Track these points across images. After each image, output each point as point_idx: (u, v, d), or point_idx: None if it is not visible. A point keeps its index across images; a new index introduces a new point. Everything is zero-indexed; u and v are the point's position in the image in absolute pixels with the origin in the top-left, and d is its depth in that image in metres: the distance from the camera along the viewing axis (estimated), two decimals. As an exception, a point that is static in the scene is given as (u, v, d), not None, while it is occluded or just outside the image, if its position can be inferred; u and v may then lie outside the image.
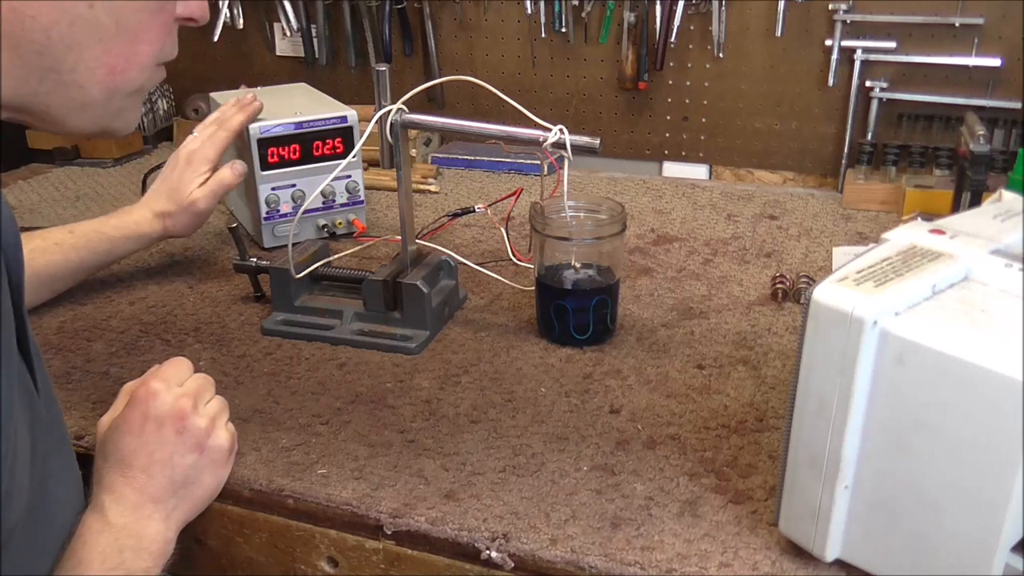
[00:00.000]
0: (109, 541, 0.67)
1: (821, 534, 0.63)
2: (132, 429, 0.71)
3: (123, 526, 0.68)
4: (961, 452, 0.55)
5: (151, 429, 0.71)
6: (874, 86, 1.39)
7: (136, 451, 0.70)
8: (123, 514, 0.68)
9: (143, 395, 0.72)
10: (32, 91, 0.56)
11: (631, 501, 0.73)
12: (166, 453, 0.71)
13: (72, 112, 0.59)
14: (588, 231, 0.94)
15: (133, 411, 0.72)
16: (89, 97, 0.58)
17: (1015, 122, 1.32)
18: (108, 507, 0.68)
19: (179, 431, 0.72)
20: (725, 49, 1.46)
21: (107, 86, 0.59)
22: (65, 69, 0.56)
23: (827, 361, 0.59)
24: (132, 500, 0.69)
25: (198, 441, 0.73)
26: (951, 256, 0.62)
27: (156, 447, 0.71)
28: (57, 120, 0.59)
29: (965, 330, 0.55)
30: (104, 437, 0.73)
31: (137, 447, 0.70)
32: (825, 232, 1.26)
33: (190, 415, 0.73)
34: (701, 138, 1.54)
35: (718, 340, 0.97)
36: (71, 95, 0.57)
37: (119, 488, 0.69)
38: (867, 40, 1.37)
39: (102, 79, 0.58)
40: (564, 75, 1.58)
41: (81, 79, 0.57)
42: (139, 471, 0.70)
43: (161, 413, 0.71)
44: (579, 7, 1.51)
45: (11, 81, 0.55)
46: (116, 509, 0.68)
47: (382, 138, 0.93)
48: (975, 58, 1.33)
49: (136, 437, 0.71)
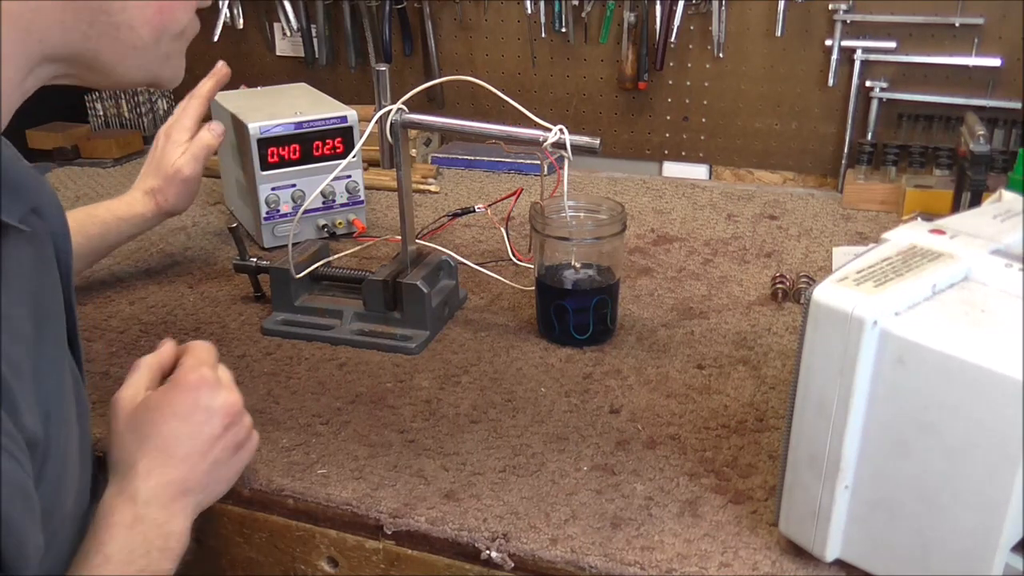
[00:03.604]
0: (139, 540, 0.65)
1: (821, 534, 0.63)
2: (179, 414, 0.69)
3: (154, 523, 0.66)
4: (961, 452, 0.55)
5: (200, 419, 0.69)
6: (874, 86, 1.39)
7: (179, 439, 0.68)
8: (157, 509, 0.66)
9: (195, 381, 0.70)
10: (82, 36, 0.56)
11: (631, 501, 0.73)
12: (209, 445, 0.69)
13: (122, 57, 0.59)
14: (588, 231, 0.94)
15: (182, 395, 0.70)
16: (138, 39, 0.58)
17: (1015, 122, 1.32)
18: (142, 498, 0.66)
19: (227, 426, 0.70)
20: (725, 49, 1.46)
21: (155, 26, 0.59)
22: (115, 10, 0.56)
23: (827, 361, 0.59)
24: (168, 494, 0.67)
25: (240, 440, 0.72)
26: (951, 256, 0.62)
27: (201, 438, 0.69)
28: (107, 68, 0.59)
29: (965, 330, 0.55)
30: (134, 415, 0.69)
31: (181, 435, 0.68)
32: (825, 232, 1.26)
33: (242, 412, 0.72)
34: (701, 138, 1.54)
35: (718, 340, 0.97)
36: (121, 37, 0.58)
37: (156, 477, 0.67)
38: (867, 40, 1.37)
39: (150, 19, 0.58)
40: (564, 75, 1.58)
41: (131, 19, 0.57)
42: (180, 460, 0.68)
43: (214, 405, 0.70)
44: (579, 7, 1.51)
45: (60, 29, 0.55)
46: (151, 503, 0.66)
47: (382, 138, 0.93)
48: (975, 58, 1.33)
49: (182, 423, 0.68)
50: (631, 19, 1.47)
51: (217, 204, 1.40)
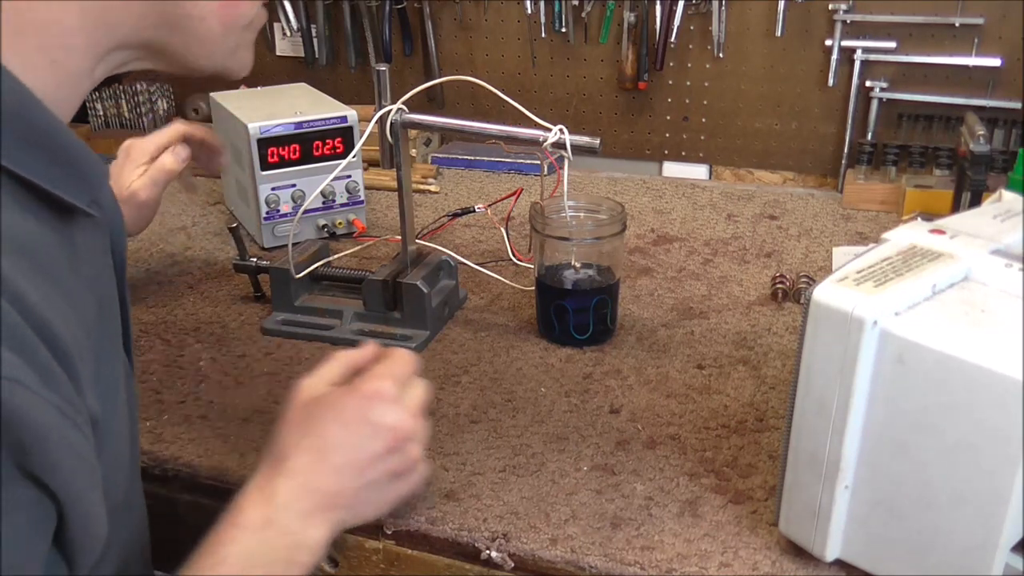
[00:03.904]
0: (263, 548, 0.60)
1: (821, 534, 0.63)
2: (345, 420, 0.65)
3: (285, 531, 0.61)
4: (961, 452, 0.55)
5: (365, 432, 0.65)
6: (874, 86, 1.39)
7: (338, 446, 0.64)
8: (293, 517, 0.62)
9: (372, 392, 0.66)
10: (153, 26, 0.57)
11: (631, 501, 0.73)
12: (367, 463, 0.65)
13: (192, 48, 0.60)
14: (588, 231, 0.94)
15: (354, 402, 0.66)
16: (208, 30, 0.59)
17: (1015, 122, 1.32)
18: (280, 501, 0.62)
19: (391, 449, 0.65)
20: (725, 49, 1.46)
21: (224, 18, 0.60)
22: (186, 3, 0.57)
23: (827, 361, 0.59)
24: (310, 502, 0.62)
25: (401, 468, 0.67)
26: (951, 256, 0.62)
27: (360, 452, 0.64)
28: (177, 57, 0.60)
29: (965, 330, 0.55)
30: (305, 408, 0.66)
31: (342, 443, 0.64)
32: (825, 232, 1.26)
33: (411, 440, 0.67)
34: (701, 138, 1.54)
35: (718, 340, 0.97)
36: (192, 28, 0.58)
37: (302, 480, 0.63)
38: (867, 40, 1.37)
39: (219, 11, 0.59)
40: (564, 75, 1.58)
41: (203, 11, 0.58)
42: (332, 470, 0.64)
43: (383, 421, 0.65)
44: (579, 7, 1.51)
45: (136, 20, 0.56)
46: (288, 508, 0.62)
47: (382, 138, 0.93)
48: (975, 58, 1.33)
49: (345, 431, 0.65)
50: (631, 19, 1.47)
51: (217, 204, 1.40)
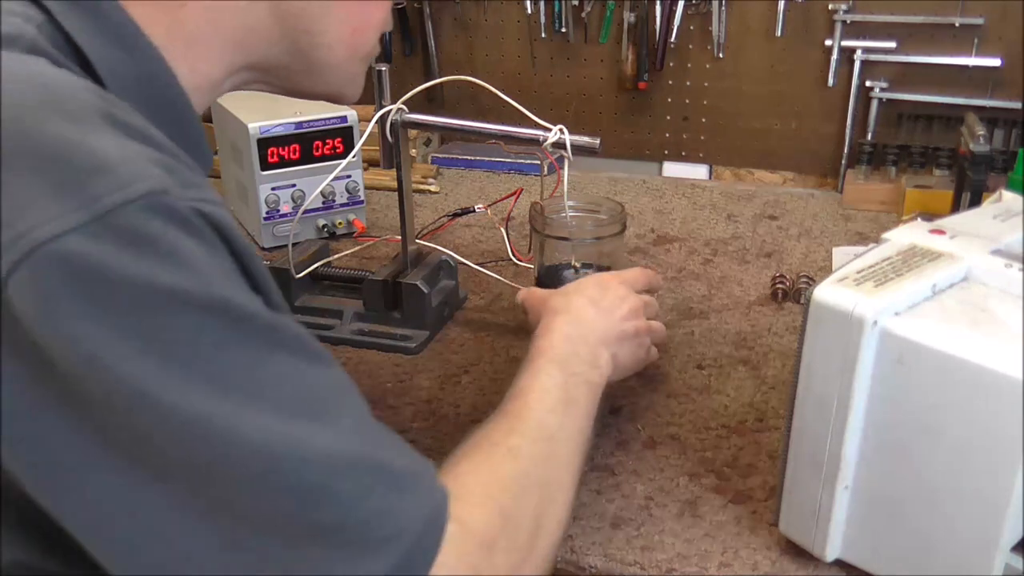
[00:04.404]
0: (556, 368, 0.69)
1: (821, 534, 0.63)
2: (596, 286, 0.80)
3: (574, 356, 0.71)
4: (961, 452, 0.55)
5: (614, 295, 0.79)
6: (874, 86, 1.39)
7: (597, 299, 0.78)
8: (579, 344, 0.73)
9: (607, 275, 0.84)
10: (284, 53, 0.60)
11: (631, 501, 0.73)
12: (618, 316, 0.78)
13: (315, 73, 0.63)
14: (588, 231, 0.94)
15: (594, 278, 0.82)
16: (333, 58, 0.62)
17: (1015, 122, 1.32)
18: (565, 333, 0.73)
19: (633, 311, 0.79)
20: (725, 49, 1.46)
21: (349, 47, 0.63)
22: (317, 31, 0.60)
23: (827, 361, 0.59)
24: (585, 341, 0.74)
25: (643, 329, 0.80)
26: (951, 256, 0.62)
27: (612, 306, 0.78)
28: (296, 81, 0.64)
29: (965, 330, 0.55)
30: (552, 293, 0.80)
31: (599, 297, 0.78)
32: (825, 232, 1.26)
33: (642, 311, 0.81)
34: (701, 138, 1.54)
35: (718, 340, 0.97)
36: (318, 56, 0.61)
37: (574, 322, 0.75)
38: (867, 40, 1.37)
39: (346, 40, 0.62)
40: (564, 75, 1.58)
41: (329, 40, 0.61)
42: (597, 313, 0.77)
43: (620, 293, 0.80)
44: (579, 7, 1.51)
45: (267, 44, 0.59)
46: (571, 339, 0.72)
47: (382, 138, 0.93)
48: (975, 58, 1.33)
49: (599, 290, 0.79)
50: (631, 19, 1.47)
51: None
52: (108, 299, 0.41)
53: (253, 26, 0.58)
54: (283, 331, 0.47)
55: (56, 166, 0.42)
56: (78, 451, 0.43)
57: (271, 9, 0.58)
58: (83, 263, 0.41)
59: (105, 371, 0.41)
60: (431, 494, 0.50)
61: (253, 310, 0.45)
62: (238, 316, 0.44)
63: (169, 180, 0.44)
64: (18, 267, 0.40)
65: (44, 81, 0.46)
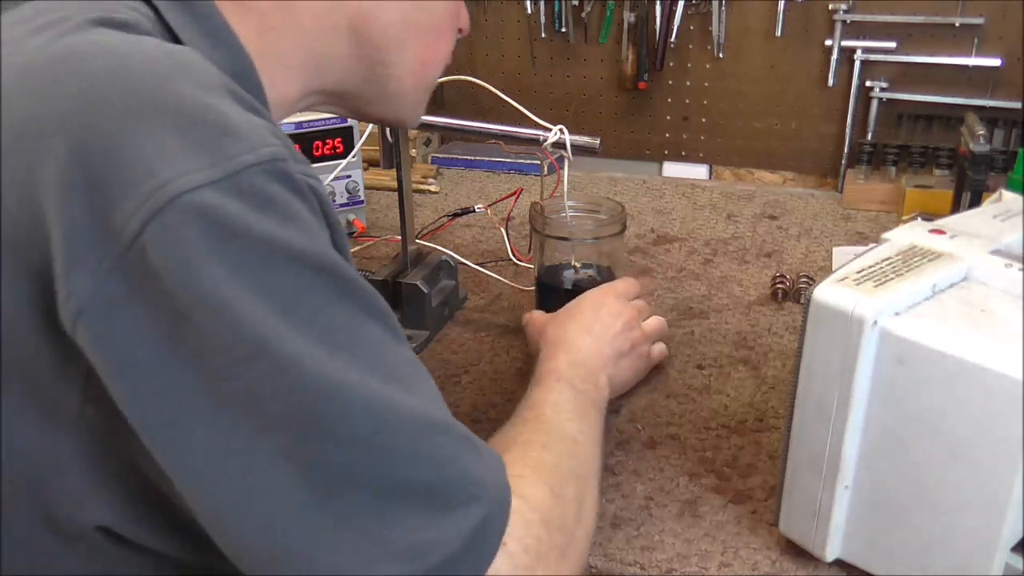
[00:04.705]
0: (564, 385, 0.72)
1: (821, 534, 0.63)
2: (590, 307, 0.83)
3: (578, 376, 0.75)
4: (961, 452, 0.55)
5: (607, 312, 0.83)
6: (874, 86, 1.39)
7: (593, 322, 0.82)
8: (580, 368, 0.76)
9: (601, 291, 0.86)
10: (358, 79, 0.64)
11: (631, 501, 0.73)
12: (613, 334, 0.81)
13: (383, 100, 0.66)
14: (588, 231, 0.94)
15: (590, 298, 0.85)
16: (402, 87, 0.66)
17: (1015, 122, 1.32)
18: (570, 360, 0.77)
19: (628, 326, 0.83)
20: (725, 49, 1.46)
21: (418, 78, 0.67)
22: (391, 61, 0.63)
23: (827, 361, 0.59)
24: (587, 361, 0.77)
25: (638, 341, 0.84)
26: (951, 256, 0.62)
27: (607, 325, 0.82)
28: (364, 106, 0.67)
29: (965, 330, 0.55)
30: (551, 317, 0.84)
31: (593, 319, 0.82)
32: (825, 232, 1.26)
33: (637, 322, 0.84)
34: (701, 138, 1.54)
35: (718, 340, 0.97)
36: (389, 85, 0.65)
37: (575, 349, 0.78)
38: (867, 40, 1.37)
39: (415, 71, 0.66)
40: (564, 75, 1.58)
41: (401, 71, 0.65)
42: (593, 339, 0.80)
43: (615, 308, 0.83)
44: (579, 7, 1.51)
45: (343, 70, 0.63)
46: (573, 365, 0.76)
47: (382, 138, 0.93)
48: (975, 58, 1.33)
49: (593, 312, 0.82)
50: (631, 19, 1.47)
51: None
52: (239, 251, 0.43)
53: (334, 52, 0.61)
54: (377, 303, 0.49)
55: (192, 125, 0.45)
56: (192, 400, 0.44)
57: (353, 39, 0.61)
58: (217, 215, 0.43)
59: (232, 319, 0.43)
60: (501, 465, 0.53)
61: (356, 277, 0.48)
62: (344, 281, 0.47)
63: (286, 151, 0.47)
64: (158, 215, 0.42)
65: (172, 52, 0.49)
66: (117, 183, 0.43)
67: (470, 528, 0.47)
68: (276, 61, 0.58)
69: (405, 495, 0.46)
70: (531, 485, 0.55)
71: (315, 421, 0.44)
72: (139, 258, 0.43)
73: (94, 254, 0.43)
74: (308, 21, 0.59)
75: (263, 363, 0.43)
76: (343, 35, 0.61)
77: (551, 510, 0.55)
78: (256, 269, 0.44)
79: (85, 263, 0.43)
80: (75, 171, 0.43)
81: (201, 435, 0.44)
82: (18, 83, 0.47)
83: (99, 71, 0.46)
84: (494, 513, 0.49)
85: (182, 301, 0.42)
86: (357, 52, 0.62)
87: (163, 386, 0.44)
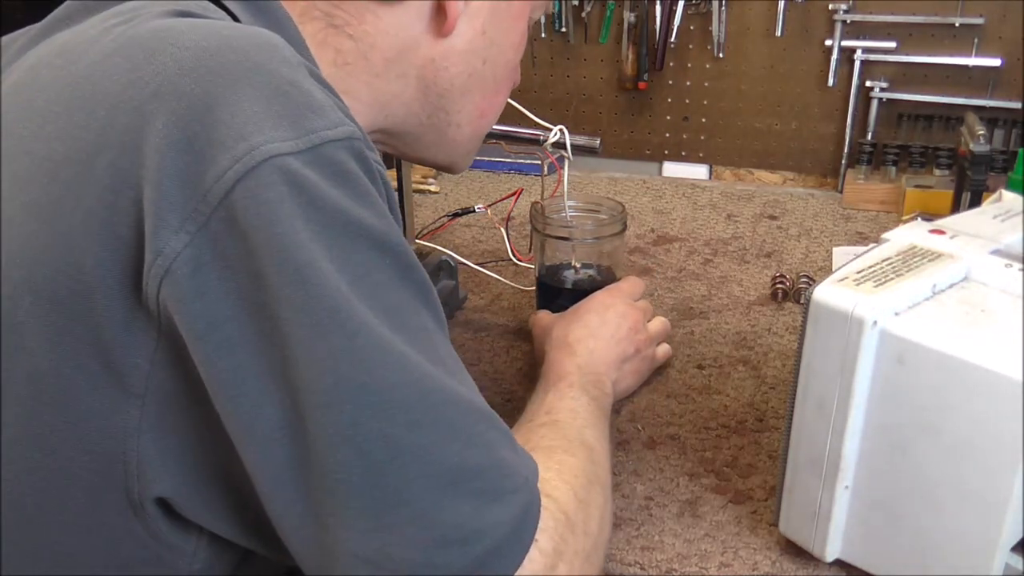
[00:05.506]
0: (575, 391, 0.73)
1: (821, 534, 0.63)
2: (596, 311, 0.83)
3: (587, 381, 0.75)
4: (961, 452, 0.55)
5: (613, 315, 0.83)
6: (874, 86, 1.39)
7: (599, 325, 0.82)
8: (587, 373, 0.76)
9: (607, 293, 0.86)
10: (418, 123, 0.67)
11: (631, 501, 0.73)
12: (618, 338, 0.82)
13: (439, 145, 0.69)
14: (588, 231, 0.94)
15: (597, 299, 0.85)
16: (460, 135, 0.69)
17: (1015, 122, 1.32)
18: (576, 364, 0.77)
19: (633, 329, 0.83)
20: (725, 49, 1.46)
21: (475, 128, 0.70)
22: (454, 110, 0.67)
23: (827, 361, 0.59)
24: (594, 364, 0.78)
25: (643, 344, 0.84)
26: (951, 256, 0.62)
27: (614, 329, 0.82)
28: (421, 149, 0.70)
29: (965, 330, 0.55)
30: (559, 317, 0.84)
31: (599, 322, 0.82)
32: (825, 232, 1.26)
33: (643, 324, 0.85)
34: (701, 138, 1.54)
35: (718, 340, 0.97)
36: (448, 132, 0.68)
37: (582, 354, 0.78)
38: (867, 40, 1.37)
39: (474, 121, 0.69)
40: (564, 75, 1.58)
41: (461, 119, 0.68)
42: (600, 343, 0.81)
43: (620, 310, 0.84)
44: (579, 7, 1.51)
45: (406, 113, 0.66)
46: (581, 369, 0.76)
47: (382, 138, 0.93)
48: (975, 58, 1.33)
49: (599, 316, 0.83)
50: (631, 19, 1.47)
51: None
52: (320, 218, 0.45)
53: (401, 95, 0.64)
54: (431, 294, 0.51)
55: (279, 96, 0.47)
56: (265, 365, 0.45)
57: (420, 85, 0.64)
58: (303, 181, 0.45)
59: (312, 281, 0.44)
60: (534, 463, 0.53)
61: (417, 264, 0.50)
62: (406, 265, 0.49)
63: (361, 132, 0.49)
64: (250, 173, 0.44)
65: (261, 32, 0.51)
66: (212, 143, 0.44)
67: (512, 517, 0.48)
68: (345, 95, 0.58)
69: (458, 479, 0.47)
70: (557, 488, 0.55)
71: (380, 395, 0.45)
72: (227, 216, 0.44)
73: (183, 214, 0.44)
74: (381, 65, 0.61)
75: (335, 330, 0.44)
76: (412, 81, 0.63)
77: (576, 514, 0.55)
78: (335, 237, 0.45)
79: (173, 223, 0.44)
80: (174, 132, 0.45)
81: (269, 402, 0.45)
82: (114, 57, 0.49)
83: (192, 45, 0.48)
84: (533, 504, 0.50)
85: (263, 261, 0.44)
86: (422, 98, 0.65)
87: (240, 347, 0.45)
